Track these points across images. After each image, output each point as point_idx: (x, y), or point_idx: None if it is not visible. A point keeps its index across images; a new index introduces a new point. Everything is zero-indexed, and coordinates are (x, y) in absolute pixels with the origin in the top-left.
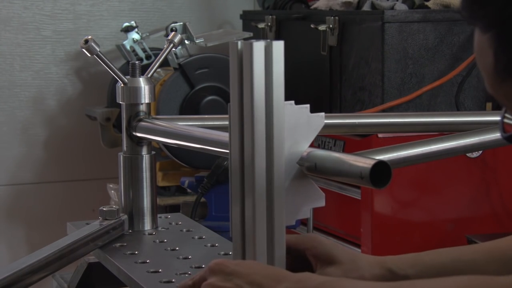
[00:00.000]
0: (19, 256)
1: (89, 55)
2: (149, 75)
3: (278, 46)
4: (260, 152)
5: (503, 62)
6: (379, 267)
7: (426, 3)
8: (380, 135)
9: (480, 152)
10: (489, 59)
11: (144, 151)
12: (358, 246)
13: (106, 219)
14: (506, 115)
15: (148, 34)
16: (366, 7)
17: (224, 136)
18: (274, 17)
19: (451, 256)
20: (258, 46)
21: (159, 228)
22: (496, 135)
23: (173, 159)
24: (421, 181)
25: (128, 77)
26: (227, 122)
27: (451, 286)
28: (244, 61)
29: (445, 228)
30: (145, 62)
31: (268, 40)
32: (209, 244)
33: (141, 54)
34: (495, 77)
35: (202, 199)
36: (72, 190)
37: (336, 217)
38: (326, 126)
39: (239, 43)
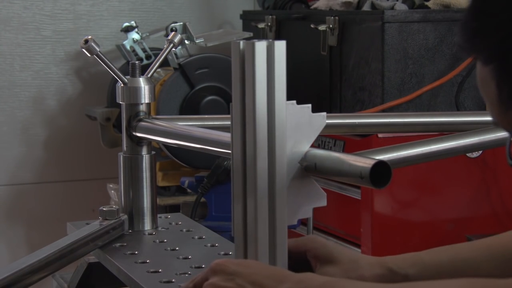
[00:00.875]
0: (19, 256)
1: (89, 55)
2: (149, 75)
3: (280, 46)
4: (262, 151)
5: (506, 92)
6: (379, 267)
7: (426, 3)
8: (380, 135)
9: (480, 152)
10: (492, 90)
11: (144, 151)
12: (358, 246)
13: (106, 219)
14: None
15: (148, 34)
16: (366, 7)
17: (224, 136)
18: (274, 17)
19: (450, 254)
20: (260, 46)
21: (159, 228)
22: (496, 135)
23: (173, 159)
24: (421, 181)
25: (128, 77)
26: (227, 122)
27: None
28: (246, 61)
29: (445, 228)
30: (145, 62)
31: (270, 40)
32: (209, 244)
33: (141, 54)
34: (499, 107)
35: (202, 199)
36: (72, 190)
37: (336, 217)
38: (326, 126)
39: (241, 43)
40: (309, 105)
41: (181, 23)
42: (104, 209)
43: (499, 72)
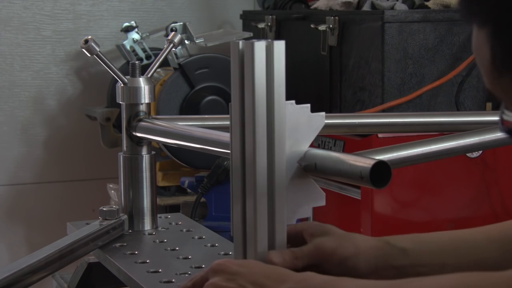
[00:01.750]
0: (19, 256)
1: (89, 55)
2: (149, 75)
3: (279, 46)
4: (261, 151)
5: (499, 56)
6: (376, 240)
7: (426, 3)
8: (380, 135)
9: (480, 152)
10: (486, 54)
11: (144, 151)
12: None
13: (106, 219)
14: (505, 111)
15: (148, 34)
16: (366, 7)
17: (224, 136)
18: (274, 17)
19: (450, 234)
20: (260, 46)
21: (159, 228)
22: (496, 135)
23: (173, 159)
24: (421, 181)
25: (128, 77)
26: (227, 122)
27: (448, 283)
28: (246, 60)
29: (445, 228)
30: (145, 62)
31: (269, 40)
32: (209, 244)
33: (141, 54)
34: (492, 72)
35: (202, 199)
36: (72, 190)
37: (336, 217)
38: (326, 126)
39: (241, 43)
40: (308, 105)
41: (181, 23)
42: (104, 209)
43: (493, 35)
